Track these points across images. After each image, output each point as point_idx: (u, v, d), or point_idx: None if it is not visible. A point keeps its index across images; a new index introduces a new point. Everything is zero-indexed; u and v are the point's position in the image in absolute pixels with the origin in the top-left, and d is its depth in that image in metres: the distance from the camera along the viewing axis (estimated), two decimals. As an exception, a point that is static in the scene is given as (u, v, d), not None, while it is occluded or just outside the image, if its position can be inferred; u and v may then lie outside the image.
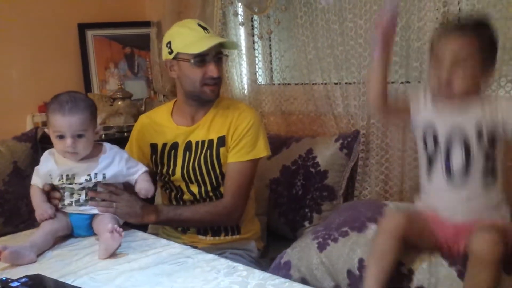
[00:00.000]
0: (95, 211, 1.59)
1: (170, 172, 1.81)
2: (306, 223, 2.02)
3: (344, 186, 2.02)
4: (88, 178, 1.57)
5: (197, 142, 1.78)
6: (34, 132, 2.48)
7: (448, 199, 1.37)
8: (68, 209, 1.60)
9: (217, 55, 1.72)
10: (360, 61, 1.98)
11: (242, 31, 2.52)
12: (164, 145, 1.82)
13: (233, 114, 1.77)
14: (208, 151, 1.76)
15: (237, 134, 1.75)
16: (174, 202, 1.86)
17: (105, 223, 1.48)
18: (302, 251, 1.55)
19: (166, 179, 1.84)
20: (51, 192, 1.61)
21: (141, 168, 1.65)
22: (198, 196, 1.80)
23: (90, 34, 2.85)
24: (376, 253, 1.35)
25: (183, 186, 1.81)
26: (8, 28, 2.62)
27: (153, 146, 1.84)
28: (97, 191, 1.58)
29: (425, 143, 1.41)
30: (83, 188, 1.58)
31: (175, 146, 1.80)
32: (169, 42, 1.73)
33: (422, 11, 1.77)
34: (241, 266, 1.30)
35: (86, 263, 1.40)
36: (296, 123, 2.36)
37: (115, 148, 1.66)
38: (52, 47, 2.76)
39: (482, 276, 1.22)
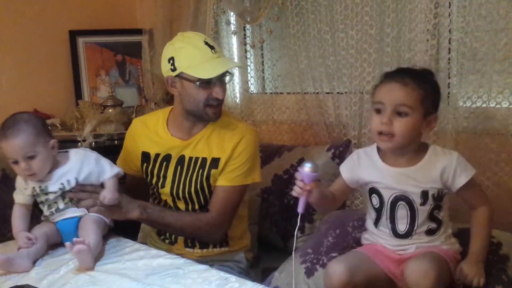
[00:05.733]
0: (77, 213, 1.60)
1: (160, 184, 1.77)
2: (298, 233, 2.01)
3: (336, 196, 2.02)
4: (61, 186, 1.57)
5: (190, 158, 1.74)
6: (24, 139, 2.45)
7: (393, 244, 1.40)
8: (52, 219, 1.61)
9: (223, 75, 1.64)
10: (351, 71, 2.00)
11: (234, 40, 2.53)
12: (157, 155, 1.77)
13: (232, 138, 1.71)
14: (200, 170, 1.72)
15: (232, 160, 1.70)
16: None
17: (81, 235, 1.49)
18: (291, 276, 1.53)
19: (155, 190, 1.81)
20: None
21: (111, 170, 1.61)
22: None
23: (81, 41, 2.84)
24: None
25: (169, 201, 1.78)
26: (-2, 34, 2.60)
27: (145, 155, 1.80)
28: (75, 192, 1.57)
29: (370, 199, 1.43)
30: (59, 196, 1.58)
31: (167, 158, 1.76)
32: (172, 58, 1.62)
33: (413, 22, 1.78)
34: (233, 278, 1.30)
35: (76, 274, 1.39)
36: (288, 132, 2.36)
37: (81, 151, 1.66)
38: (43, 54, 2.74)
39: None
